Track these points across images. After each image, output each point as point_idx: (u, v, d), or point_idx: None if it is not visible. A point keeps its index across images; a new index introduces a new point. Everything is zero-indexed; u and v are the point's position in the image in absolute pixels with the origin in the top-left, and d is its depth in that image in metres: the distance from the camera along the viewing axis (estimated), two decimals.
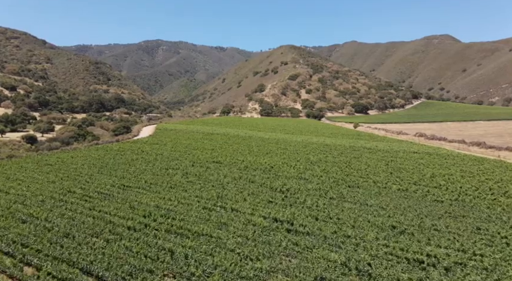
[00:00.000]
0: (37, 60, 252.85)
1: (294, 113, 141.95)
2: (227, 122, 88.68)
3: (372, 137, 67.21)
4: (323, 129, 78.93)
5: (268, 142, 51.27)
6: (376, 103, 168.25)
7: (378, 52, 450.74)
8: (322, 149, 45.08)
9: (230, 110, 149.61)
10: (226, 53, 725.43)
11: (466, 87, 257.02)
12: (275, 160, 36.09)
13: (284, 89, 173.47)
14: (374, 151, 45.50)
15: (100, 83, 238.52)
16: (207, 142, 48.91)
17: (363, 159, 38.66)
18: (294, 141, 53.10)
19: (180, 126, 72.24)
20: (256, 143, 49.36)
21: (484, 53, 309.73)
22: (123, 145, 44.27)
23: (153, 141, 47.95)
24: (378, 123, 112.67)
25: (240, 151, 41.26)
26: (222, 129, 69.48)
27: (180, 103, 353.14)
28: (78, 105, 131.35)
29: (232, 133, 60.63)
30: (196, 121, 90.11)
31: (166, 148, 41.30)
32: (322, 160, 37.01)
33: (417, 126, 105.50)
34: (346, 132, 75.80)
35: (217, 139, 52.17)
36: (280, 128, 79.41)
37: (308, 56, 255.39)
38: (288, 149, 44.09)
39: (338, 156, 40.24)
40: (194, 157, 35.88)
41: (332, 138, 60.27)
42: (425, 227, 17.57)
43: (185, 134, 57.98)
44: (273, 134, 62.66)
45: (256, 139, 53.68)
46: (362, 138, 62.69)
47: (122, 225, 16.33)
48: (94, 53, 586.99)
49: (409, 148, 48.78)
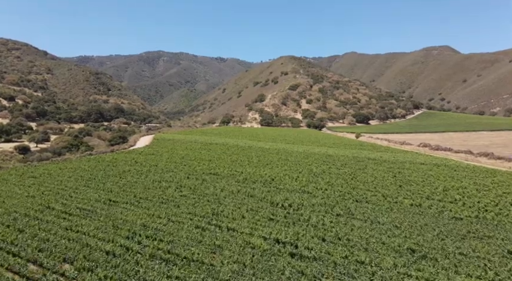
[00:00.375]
0: (37, 71, 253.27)
1: (294, 123, 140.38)
2: (227, 132, 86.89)
3: (375, 147, 65.17)
4: (324, 139, 77.01)
5: (269, 152, 49.23)
6: (377, 113, 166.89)
7: (378, 63, 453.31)
8: (324, 160, 42.98)
9: (230, 120, 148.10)
10: (227, 64, 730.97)
11: (466, 98, 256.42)
12: (276, 171, 33.95)
13: (284, 99, 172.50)
14: (379, 161, 43.40)
15: (100, 94, 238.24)
16: (205, 152, 46.87)
17: (368, 170, 36.52)
18: (295, 151, 51.06)
19: (178, 136, 70.36)
20: (256, 153, 47.32)
21: (484, 64, 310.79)
22: (117, 155, 42.22)
23: (149, 151, 45.93)
24: (379, 134, 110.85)
25: (238, 161, 39.17)
26: (221, 139, 67.57)
27: (180, 113, 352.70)
28: (77, 115, 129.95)
29: (231, 143, 58.67)
30: (195, 131, 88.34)
31: (161, 159, 39.24)
32: (326, 172, 34.87)
33: (419, 137, 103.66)
34: (348, 142, 73.84)
35: (216, 149, 50.16)
36: (281, 138, 77.52)
37: (308, 66, 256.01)
38: (290, 160, 42.01)
39: (342, 167, 38.12)
40: (190, 168, 33.77)
41: (334, 149, 58.24)
42: (449, 250, 15.33)
43: (183, 144, 56.02)
44: (274, 144, 60.68)
45: (256, 149, 51.66)
46: (365, 149, 60.67)
47: (100, 249, 14.14)
48: (95, 64, 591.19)
49: (415, 159, 46.68)
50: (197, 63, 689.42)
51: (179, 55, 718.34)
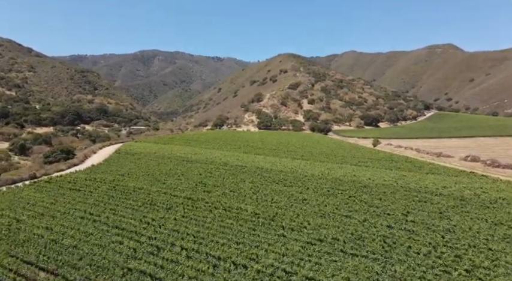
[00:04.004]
0: (19, 69, 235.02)
1: (296, 125, 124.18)
2: (217, 139, 70.47)
3: (413, 163, 48.97)
4: (339, 149, 60.85)
5: (272, 179, 32.95)
6: (387, 115, 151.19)
7: (379, 62, 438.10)
8: (367, 201, 26.82)
9: (224, 123, 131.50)
10: (224, 63, 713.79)
11: (476, 98, 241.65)
12: (293, 248, 17.80)
13: (284, 98, 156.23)
14: (450, 197, 27.33)
15: (85, 93, 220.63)
16: (173, 181, 30.60)
17: (457, 229, 20.46)
18: (310, 175, 34.91)
19: (151, 146, 53.87)
20: (253, 185, 31.12)
21: (492, 62, 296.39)
22: (13, 192, 25.87)
23: (83, 180, 29.62)
24: (396, 139, 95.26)
25: (219, 214, 22.97)
26: (207, 151, 51.30)
27: (174, 114, 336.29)
28: (48, 117, 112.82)
29: (218, 159, 42.38)
30: (178, 138, 71.72)
31: (87, 201, 22.96)
32: (401, 243, 18.73)
33: (446, 143, 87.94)
34: (370, 154, 57.71)
35: (192, 173, 33.90)
36: (284, 147, 61.33)
37: (308, 64, 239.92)
38: (310, 202, 25.82)
39: (407, 222, 21.98)
40: (113, 248, 17.55)
41: (360, 168, 42.20)
42: None
43: (148, 161, 39.75)
44: (277, 161, 44.48)
45: (252, 173, 35.44)
46: (401, 167, 44.61)
47: None
48: (89, 63, 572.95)
49: (498, 189, 30.71)
50: (193, 63, 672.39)
51: (175, 54, 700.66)
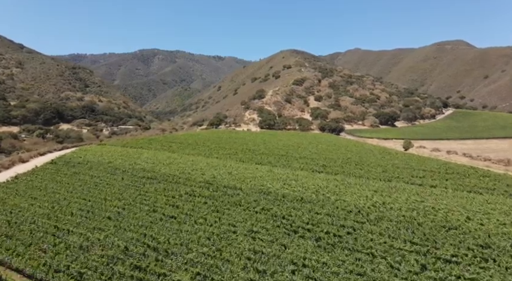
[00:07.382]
0: (6, 65, 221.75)
1: (303, 125, 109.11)
2: (209, 141, 55.48)
3: (490, 177, 33.80)
4: (369, 155, 45.71)
5: (292, 225, 18.14)
6: (402, 113, 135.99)
7: (384, 60, 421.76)
8: None
9: (221, 122, 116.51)
10: (224, 62, 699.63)
11: (493, 95, 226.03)
12: None
13: (289, 95, 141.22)
14: None
15: (74, 90, 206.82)
16: (82, 232, 15.85)
17: None
18: (355, 210, 20.04)
19: (114, 151, 39.04)
20: (253, 244, 16.31)
21: (506, 58, 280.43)
22: None
23: None
24: (421, 140, 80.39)
25: None
26: (188, 158, 36.48)
27: (172, 113, 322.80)
28: (19, 114, 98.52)
29: (199, 174, 27.56)
30: (158, 140, 56.76)
31: None
32: None
33: (487, 145, 72.73)
34: (415, 163, 42.53)
35: (136, 210, 19.20)
36: (294, 151, 46.36)
37: (313, 59, 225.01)
38: None
39: None
40: None
41: (426, 190, 27.29)
42: None
43: (85, 179, 25.11)
44: (289, 174, 29.53)
45: (250, 206, 20.63)
46: (485, 187, 29.54)
47: None
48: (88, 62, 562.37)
49: None
50: (193, 62, 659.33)
51: (175, 53, 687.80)
